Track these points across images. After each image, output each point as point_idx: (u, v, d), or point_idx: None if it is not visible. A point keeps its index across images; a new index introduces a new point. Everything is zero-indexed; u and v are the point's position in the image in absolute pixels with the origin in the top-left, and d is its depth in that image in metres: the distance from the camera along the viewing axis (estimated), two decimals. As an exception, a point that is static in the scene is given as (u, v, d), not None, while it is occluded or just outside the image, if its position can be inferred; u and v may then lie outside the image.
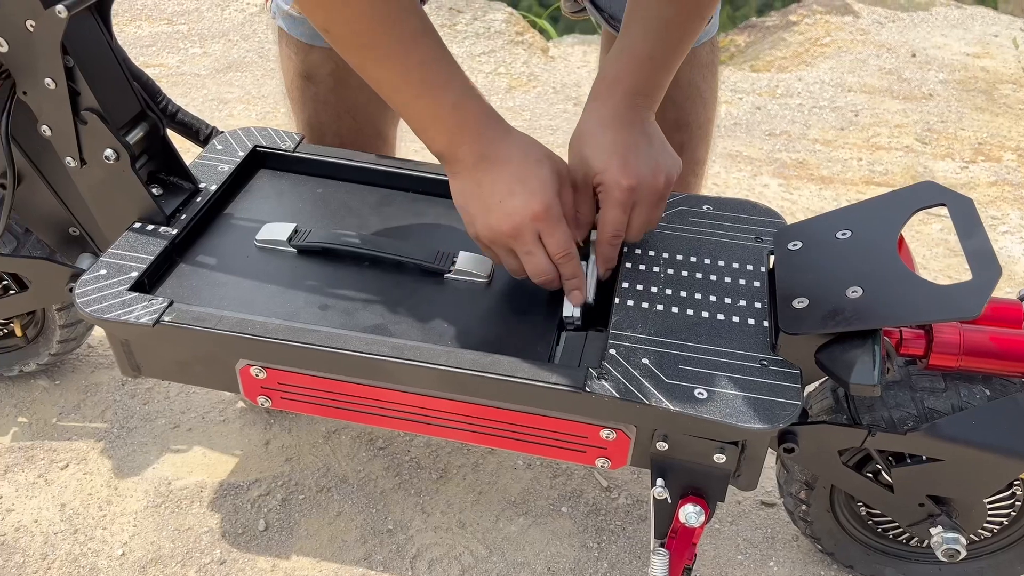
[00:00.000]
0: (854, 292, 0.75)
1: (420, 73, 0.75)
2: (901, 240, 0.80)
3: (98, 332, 1.29)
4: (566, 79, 2.33)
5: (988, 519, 0.91)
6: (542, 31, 2.90)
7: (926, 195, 0.81)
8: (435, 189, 1.00)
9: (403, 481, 1.14)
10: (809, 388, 0.87)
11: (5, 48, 0.80)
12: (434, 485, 1.14)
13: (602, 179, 0.81)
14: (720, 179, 1.92)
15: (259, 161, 1.03)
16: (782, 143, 2.09)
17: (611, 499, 1.14)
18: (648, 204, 0.83)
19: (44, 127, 0.85)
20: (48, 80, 0.80)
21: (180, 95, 2.04)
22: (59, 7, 0.75)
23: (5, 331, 1.17)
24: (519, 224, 0.77)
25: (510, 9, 2.62)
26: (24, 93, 0.83)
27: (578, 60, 2.49)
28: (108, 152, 0.85)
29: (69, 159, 0.86)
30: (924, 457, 0.81)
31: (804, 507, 0.94)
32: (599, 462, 0.80)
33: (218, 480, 1.13)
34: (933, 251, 1.68)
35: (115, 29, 0.89)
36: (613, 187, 0.81)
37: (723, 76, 2.47)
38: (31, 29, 0.77)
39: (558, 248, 0.79)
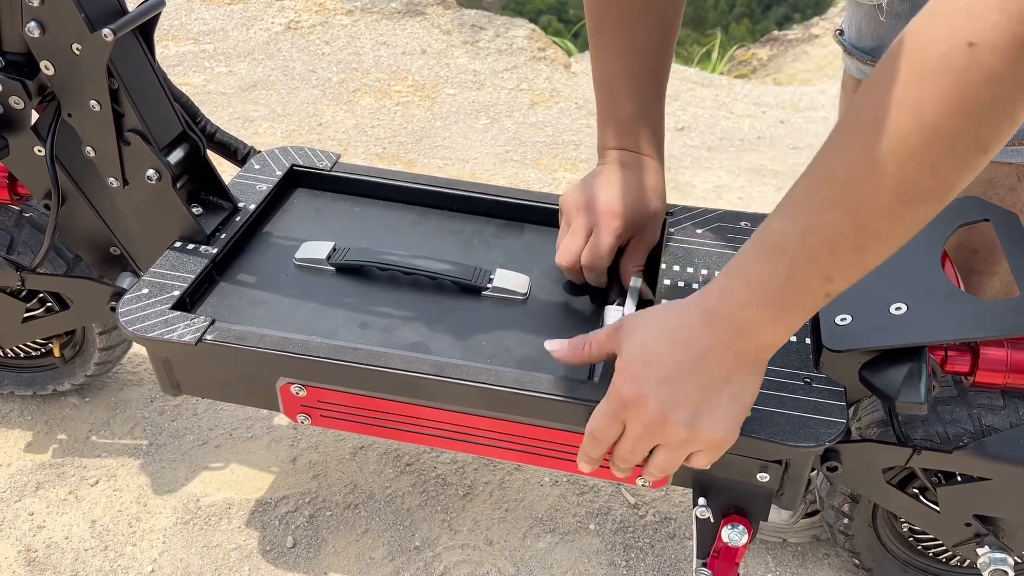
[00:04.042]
0: (898, 308, 0.74)
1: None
2: (945, 256, 0.79)
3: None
4: (588, 94, 2.34)
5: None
6: (562, 46, 2.91)
7: (970, 210, 0.80)
8: (470, 207, 1.01)
9: (430, 498, 1.14)
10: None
11: (51, 71, 0.81)
12: (461, 502, 1.13)
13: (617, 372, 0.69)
14: (745, 193, 1.92)
15: (296, 180, 1.04)
16: (806, 157, 2.08)
17: (639, 516, 1.13)
18: (657, 446, 0.69)
19: (88, 148, 0.85)
20: (93, 102, 0.81)
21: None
22: (106, 30, 0.76)
23: (43, 351, 1.18)
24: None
25: (532, 25, 2.63)
26: (69, 115, 0.84)
27: (600, 75, 2.50)
28: (150, 172, 0.85)
29: (112, 179, 0.87)
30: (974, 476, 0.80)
31: (845, 520, 0.93)
32: (640, 481, 0.79)
33: (246, 497, 1.13)
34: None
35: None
36: (611, 390, 0.69)
37: (746, 90, 2.47)
38: (77, 52, 0.78)
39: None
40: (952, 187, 0.53)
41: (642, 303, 0.85)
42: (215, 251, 0.89)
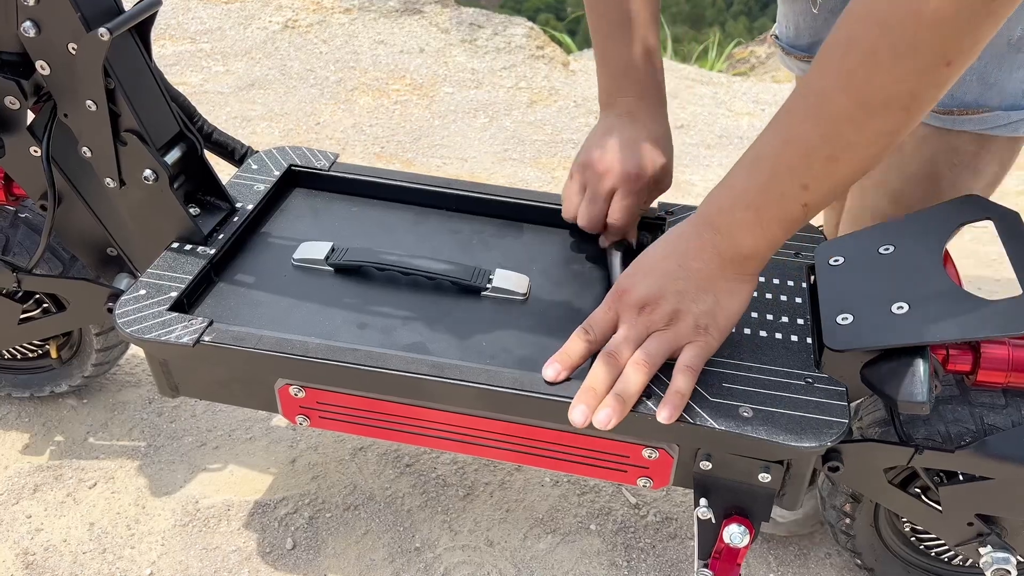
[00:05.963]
0: (900, 308, 0.74)
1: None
2: (946, 255, 0.79)
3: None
4: (587, 93, 2.33)
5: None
6: (562, 44, 2.91)
7: (971, 209, 0.80)
8: (469, 207, 1.00)
9: (430, 499, 1.13)
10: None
11: (47, 71, 0.80)
12: (461, 503, 1.13)
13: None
14: (744, 192, 1.92)
15: (294, 180, 1.03)
16: (806, 155, 2.08)
17: (640, 516, 1.13)
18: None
19: (84, 149, 0.85)
20: (89, 102, 0.81)
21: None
22: (102, 30, 0.75)
23: (40, 352, 1.18)
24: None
25: (530, 24, 2.63)
26: (65, 115, 0.83)
27: (598, 74, 2.50)
28: (147, 173, 0.85)
29: (109, 180, 0.86)
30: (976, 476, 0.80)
31: (847, 520, 0.92)
32: (641, 482, 0.79)
33: (245, 498, 1.13)
34: (963, 262, 1.66)
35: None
36: None
37: (745, 87, 2.47)
38: (73, 52, 0.78)
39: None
40: (915, 98, 0.58)
41: None
42: (213, 252, 0.88)
